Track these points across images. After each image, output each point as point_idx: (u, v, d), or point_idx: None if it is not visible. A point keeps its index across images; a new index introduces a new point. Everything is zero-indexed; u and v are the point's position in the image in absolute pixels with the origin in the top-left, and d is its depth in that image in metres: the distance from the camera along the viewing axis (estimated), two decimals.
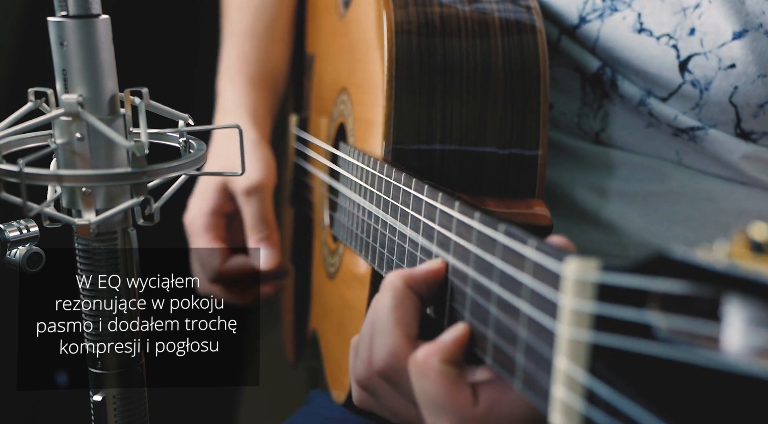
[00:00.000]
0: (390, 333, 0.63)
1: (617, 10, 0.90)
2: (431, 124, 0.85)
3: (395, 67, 0.85)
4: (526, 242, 0.53)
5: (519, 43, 0.86)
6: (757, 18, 0.84)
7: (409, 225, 0.74)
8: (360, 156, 0.90)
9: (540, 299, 0.51)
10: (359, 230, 0.89)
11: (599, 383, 0.44)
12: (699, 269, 0.39)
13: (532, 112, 0.85)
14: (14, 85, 1.48)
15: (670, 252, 0.41)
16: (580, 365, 0.46)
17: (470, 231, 0.61)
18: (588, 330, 0.45)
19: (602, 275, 0.45)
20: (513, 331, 0.54)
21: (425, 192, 0.71)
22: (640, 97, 0.91)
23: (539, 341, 0.51)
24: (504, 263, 0.56)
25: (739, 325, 0.37)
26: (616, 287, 0.44)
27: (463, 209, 0.63)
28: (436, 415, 0.60)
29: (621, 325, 0.43)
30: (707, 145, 0.90)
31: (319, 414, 1.04)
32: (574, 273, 0.47)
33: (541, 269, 0.51)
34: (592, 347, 0.45)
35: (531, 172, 0.85)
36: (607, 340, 0.44)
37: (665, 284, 0.41)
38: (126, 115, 0.70)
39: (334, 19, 1.10)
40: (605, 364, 0.44)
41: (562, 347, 0.47)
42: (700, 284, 0.39)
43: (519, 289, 0.54)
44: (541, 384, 0.50)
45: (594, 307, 0.45)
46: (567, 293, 0.47)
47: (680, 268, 0.40)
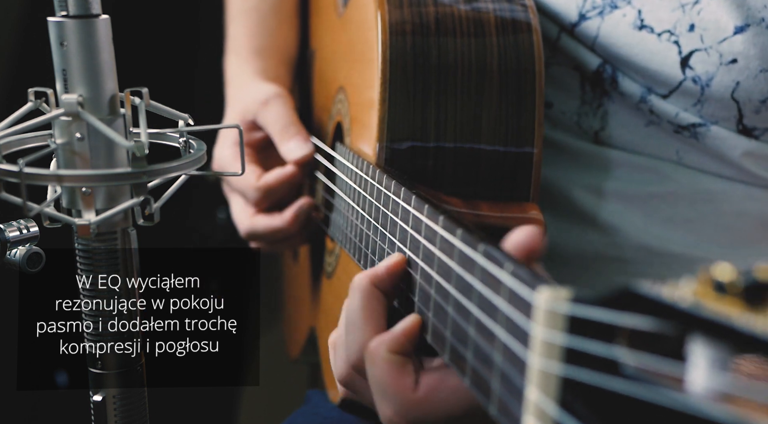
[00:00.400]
0: (361, 330, 0.67)
1: (617, 7, 0.90)
2: (426, 125, 0.85)
3: (390, 67, 0.85)
4: (502, 265, 0.53)
5: (514, 42, 0.86)
6: (759, 12, 0.84)
7: (397, 236, 0.73)
8: (354, 159, 0.89)
9: (514, 326, 0.50)
10: (352, 234, 0.89)
11: (568, 416, 0.44)
12: (665, 306, 0.39)
13: (527, 112, 0.85)
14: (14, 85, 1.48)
15: (637, 287, 0.41)
16: (550, 396, 0.45)
17: (452, 248, 0.61)
18: (558, 362, 0.45)
19: (572, 307, 0.45)
20: (490, 356, 0.54)
21: (413, 203, 0.70)
22: (640, 94, 0.91)
23: (513, 369, 0.50)
24: (482, 285, 0.56)
25: (703, 366, 0.37)
26: (585, 320, 0.44)
27: (447, 225, 0.63)
28: (381, 399, 0.65)
29: (590, 359, 0.43)
30: (708, 142, 0.90)
31: (318, 414, 1.04)
32: (546, 303, 0.46)
33: (515, 296, 0.51)
34: (563, 379, 0.45)
35: (526, 173, 0.85)
36: (577, 373, 0.44)
37: (632, 320, 0.41)
38: (126, 115, 0.70)
39: (334, 17, 1.10)
40: (575, 397, 0.44)
41: (533, 377, 0.47)
42: (665, 322, 0.39)
43: (495, 313, 0.53)
44: (513, 413, 0.50)
45: (564, 339, 0.45)
46: (539, 323, 0.47)
47: (647, 304, 0.40)
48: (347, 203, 0.91)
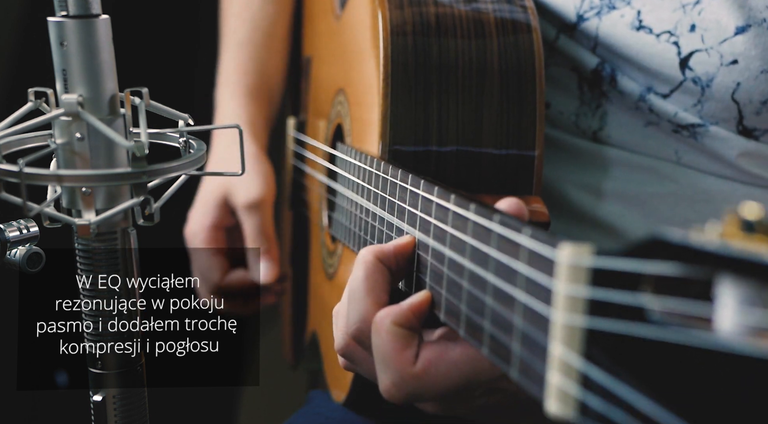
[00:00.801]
0: (362, 301, 0.68)
1: (615, 8, 0.90)
2: (427, 124, 0.85)
3: (391, 67, 0.85)
4: (520, 230, 0.54)
5: (515, 42, 0.86)
6: (761, 13, 0.84)
7: (406, 221, 0.74)
8: (357, 154, 0.90)
9: (535, 286, 0.51)
10: (357, 229, 0.89)
11: (594, 367, 0.44)
12: (691, 250, 0.39)
13: (528, 112, 0.85)
14: (14, 85, 1.48)
15: (664, 235, 0.41)
16: (574, 350, 0.46)
17: (466, 223, 0.62)
18: (582, 315, 0.45)
19: (596, 259, 0.45)
20: (509, 320, 0.54)
21: (421, 187, 0.71)
22: (639, 93, 0.91)
23: (534, 328, 0.51)
24: (499, 253, 0.56)
25: (731, 305, 0.37)
26: (609, 272, 0.44)
27: (459, 202, 0.64)
28: (382, 370, 0.66)
29: (615, 309, 0.43)
30: (707, 142, 0.90)
31: (320, 414, 1.04)
32: (568, 258, 0.47)
33: (536, 256, 0.51)
34: (587, 331, 0.45)
35: (528, 172, 0.85)
36: (602, 324, 0.44)
37: (658, 267, 0.40)
38: (126, 115, 0.70)
39: (331, 21, 1.10)
40: (600, 348, 0.44)
41: (556, 333, 0.47)
42: (692, 266, 0.39)
43: (514, 278, 0.54)
44: (537, 371, 0.50)
45: (588, 292, 0.45)
46: (561, 279, 0.47)
47: (673, 250, 0.40)
48: (350, 199, 0.92)
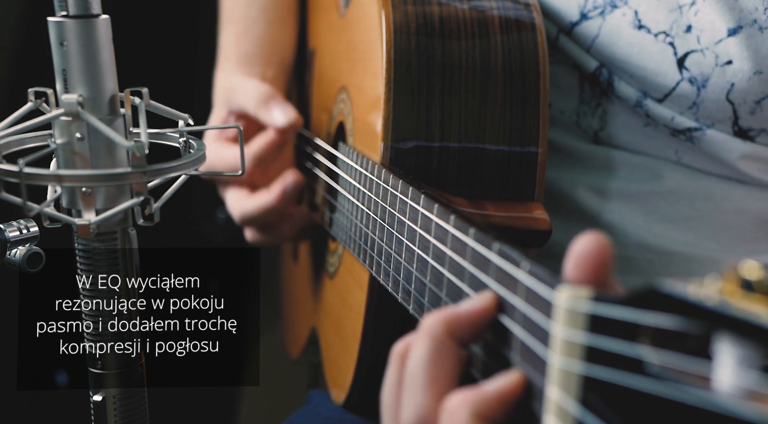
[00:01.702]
0: (421, 391, 0.53)
1: (617, 7, 0.90)
2: (430, 124, 0.84)
3: (394, 67, 0.85)
4: (519, 264, 0.53)
5: (518, 41, 0.86)
6: (751, 14, 0.84)
7: (405, 235, 0.73)
8: (359, 159, 0.89)
9: (532, 325, 0.50)
10: (356, 235, 0.88)
11: (590, 414, 0.44)
12: (690, 304, 0.39)
13: (531, 111, 0.85)
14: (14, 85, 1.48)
15: (662, 286, 0.41)
16: (571, 395, 0.45)
17: (465, 247, 0.60)
18: (579, 361, 0.45)
19: (594, 305, 0.44)
20: (506, 356, 0.54)
21: (421, 202, 0.70)
22: (636, 98, 0.91)
23: (531, 368, 0.50)
24: (498, 285, 0.55)
25: (730, 364, 0.37)
26: (607, 319, 0.43)
27: (458, 224, 0.62)
28: None
29: (612, 357, 0.42)
30: (705, 145, 0.90)
31: (319, 414, 1.04)
32: (566, 302, 0.46)
33: (534, 295, 0.50)
34: (584, 378, 0.44)
35: (531, 172, 0.85)
36: (599, 372, 0.43)
37: (657, 318, 0.40)
38: (126, 115, 0.70)
39: (335, 17, 1.10)
40: (597, 396, 0.44)
41: (554, 376, 0.47)
42: (691, 320, 0.39)
43: (513, 312, 0.53)
44: (533, 412, 0.49)
45: (586, 338, 0.45)
46: (559, 322, 0.46)
47: (672, 302, 0.40)
48: (351, 203, 0.91)
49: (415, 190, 0.72)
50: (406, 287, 0.72)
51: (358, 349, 0.91)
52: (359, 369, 0.92)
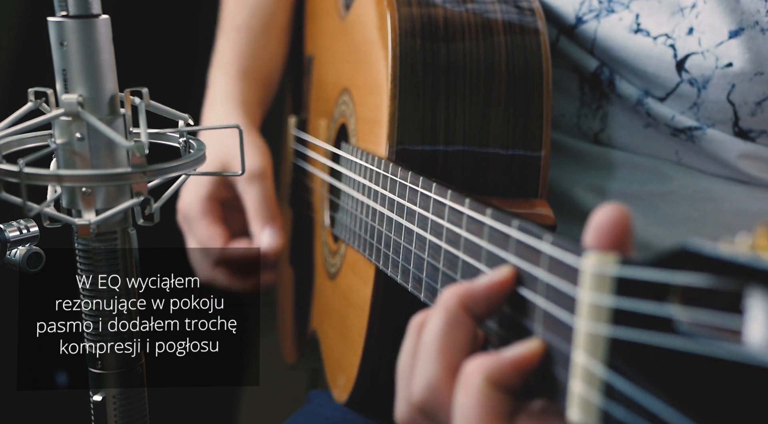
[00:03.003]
0: (432, 362, 0.54)
1: (614, 11, 0.90)
2: (435, 125, 0.85)
3: (399, 67, 0.85)
4: (541, 237, 0.53)
5: (521, 43, 0.86)
6: (753, 16, 0.84)
7: (416, 223, 0.73)
8: (364, 155, 0.90)
9: (557, 293, 0.50)
10: (362, 231, 0.89)
11: (618, 377, 0.44)
12: (721, 261, 0.39)
13: (534, 113, 0.85)
14: (14, 85, 1.48)
15: (692, 245, 0.40)
16: (598, 359, 0.45)
17: (482, 227, 0.61)
18: (607, 324, 0.45)
19: (621, 268, 0.45)
20: (528, 328, 0.54)
21: (433, 189, 0.71)
22: (637, 97, 0.91)
23: (556, 336, 0.50)
24: (518, 259, 0.56)
25: (761, 318, 0.36)
26: (635, 281, 0.43)
27: (474, 206, 0.63)
28: None
29: (640, 318, 0.42)
30: (705, 145, 0.90)
31: (321, 414, 1.04)
32: (593, 267, 0.46)
33: (558, 264, 0.50)
34: (611, 341, 0.45)
35: (534, 173, 0.85)
36: (626, 334, 0.43)
37: (687, 278, 0.40)
38: (126, 115, 0.70)
39: (335, 21, 1.10)
40: (624, 358, 0.44)
41: (580, 341, 0.47)
42: (722, 277, 0.38)
43: (534, 284, 0.53)
44: (559, 380, 0.50)
45: (613, 301, 0.45)
46: (585, 287, 0.47)
47: (702, 261, 0.39)
48: (355, 200, 0.91)
49: (426, 179, 0.73)
50: (417, 275, 0.73)
51: (363, 346, 0.91)
52: (363, 367, 0.92)
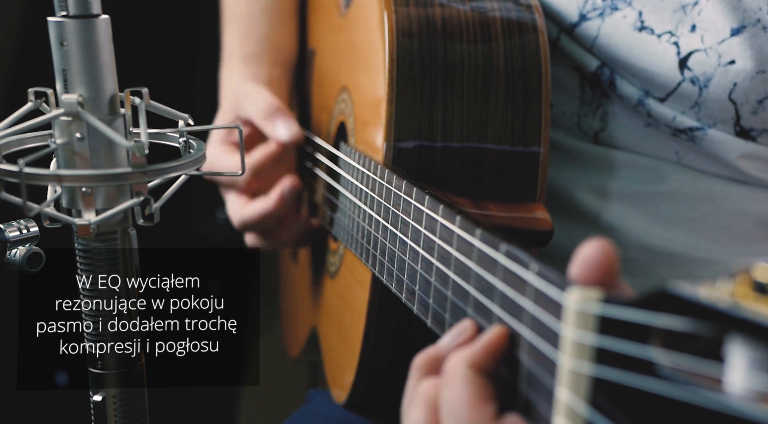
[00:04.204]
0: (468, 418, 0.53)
1: (618, 9, 0.90)
2: (432, 125, 0.85)
3: (396, 67, 0.85)
4: (527, 266, 0.52)
5: (520, 43, 0.86)
6: (755, 14, 0.84)
7: (409, 236, 0.73)
8: (361, 159, 0.89)
9: (541, 326, 0.50)
10: (359, 235, 0.88)
11: (600, 416, 0.44)
12: (702, 307, 0.39)
13: (533, 112, 0.85)
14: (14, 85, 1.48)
15: (673, 288, 0.40)
16: (581, 397, 0.45)
17: (471, 248, 0.60)
18: (589, 362, 0.45)
19: (604, 307, 0.44)
20: (515, 357, 0.54)
21: (426, 203, 0.70)
22: (638, 97, 0.91)
23: (540, 368, 0.50)
24: (505, 285, 0.55)
25: (741, 367, 0.37)
26: (618, 321, 0.43)
27: (464, 225, 0.62)
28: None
29: (623, 359, 0.42)
30: (706, 145, 0.90)
31: (321, 413, 1.04)
32: (576, 304, 0.46)
33: (543, 297, 0.50)
34: (594, 379, 0.44)
35: (532, 172, 0.85)
36: (609, 374, 0.43)
37: (668, 320, 0.40)
38: (126, 115, 0.70)
39: (335, 16, 1.10)
40: (606, 397, 0.43)
41: (563, 377, 0.47)
42: (702, 322, 0.38)
43: (520, 314, 0.53)
44: (542, 413, 0.49)
45: (596, 339, 0.44)
46: (569, 324, 0.46)
47: (683, 304, 0.40)
48: (353, 203, 0.91)
49: (420, 190, 0.72)
50: (411, 287, 0.72)
51: (360, 348, 0.91)
52: (361, 368, 0.92)
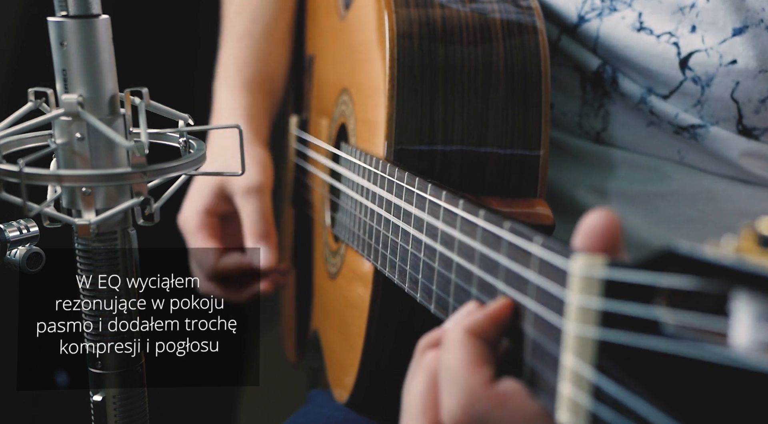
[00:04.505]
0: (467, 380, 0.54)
1: (616, 10, 0.90)
2: (433, 125, 0.85)
3: (397, 68, 0.85)
4: (531, 239, 0.53)
5: (520, 43, 0.86)
6: (758, 14, 0.84)
7: (412, 224, 0.74)
8: (362, 156, 0.90)
9: (546, 295, 0.51)
10: (361, 231, 0.89)
11: (606, 379, 0.44)
12: (707, 264, 0.39)
13: (533, 113, 0.85)
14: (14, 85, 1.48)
15: (678, 248, 0.40)
16: (587, 361, 0.46)
17: (475, 229, 0.61)
18: (595, 327, 0.45)
19: (609, 271, 0.45)
20: (519, 329, 0.54)
21: (429, 190, 0.71)
22: (640, 95, 0.91)
23: (545, 338, 0.51)
24: (509, 261, 0.56)
25: (747, 320, 0.37)
26: (623, 283, 0.44)
27: (468, 207, 0.63)
28: (448, 390, 0.54)
29: (628, 321, 0.43)
30: (708, 143, 0.90)
31: (321, 414, 1.04)
32: (581, 270, 0.46)
33: (548, 266, 0.51)
34: (599, 343, 0.45)
35: (533, 173, 0.85)
36: (614, 336, 0.44)
37: (673, 280, 0.40)
38: (126, 115, 0.70)
39: (335, 20, 1.10)
40: (612, 360, 0.44)
41: (568, 343, 0.47)
42: (708, 280, 0.39)
43: (525, 286, 0.54)
44: (548, 381, 0.50)
45: (601, 303, 0.45)
46: (574, 290, 0.47)
47: (688, 263, 0.40)
48: (354, 200, 0.91)
49: (422, 179, 0.73)
50: (414, 276, 0.73)
51: (362, 346, 0.91)
52: (363, 367, 0.92)
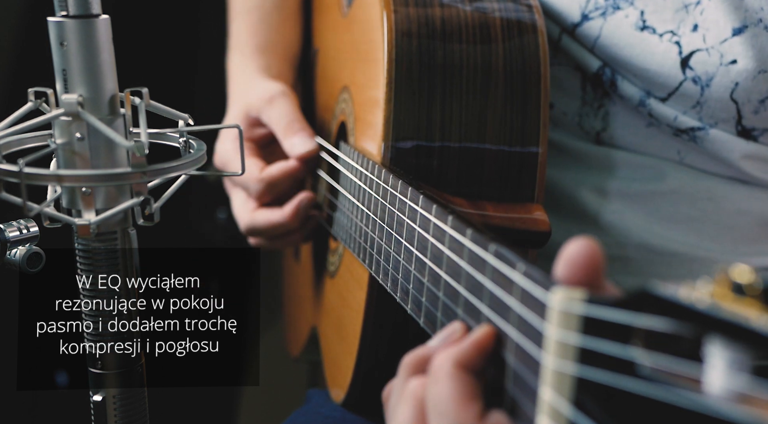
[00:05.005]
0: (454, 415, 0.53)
1: (620, 8, 0.90)
2: (431, 125, 0.85)
3: (395, 67, 0.85)
4: (514, 266, 0.53)
5: (520, 43, 0.86)
6: (757, 14, 0.84)
7: (404, 236, 0.73)
8: (359, 158, 0.89)
9: (527, 326, 0.50)
10: (357, 234, 0.89)
11: (582, 416, 0.44)
12: (682, 307, 0.39)
13: (532, 113, 0.85)
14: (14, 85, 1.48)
15: (653, 289, 0.41)
16: (564, 396, 0.45)
17: (462, 248, 0.61)
18: (573, 362, 0.45)
19: (587, 307, 0.45)
20: (502, 357, 0.54)
21: (420, 203, 0.70)
22: (639, 97, 0.91)
23: (525, 369, 0.50)
24: (494, 285, 0.55)
25: (720, 367, 0.37)
26: (600, 321, 0.44)
27: (456, 225, 0.62)
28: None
29: (605, 359, 0.43)
30: (708, 145, 0.90)
31: (320, 413, 1.04)
32: (560, 304, 0.46)
33: (529, 296, 0.50)
34: (577, 379, 0.45)
35: (531, 173, 0.85)
36: (591, 374, 0.44)
37: (649, 321, 0.40)
38: (126, 115, 0.70)
39: (338, 16, 1.10)
40: (589, 397, 0.44)
41: (547, 377, 0.47)
42: (682, 323, 0.39)
43: (507, 313, 0.53)
44: (527, 413, 0.50)
45: (579, 340, 0.45)
46: (553, 323, 0.47)
47: (663, 305, 0.40)
48: (351, 203, 0.91)
49: (414, 190, 0.72)
50: (405, 286, 0.72)
51: (358, 348, 0.91)
52: (358, 368, 0.92)
